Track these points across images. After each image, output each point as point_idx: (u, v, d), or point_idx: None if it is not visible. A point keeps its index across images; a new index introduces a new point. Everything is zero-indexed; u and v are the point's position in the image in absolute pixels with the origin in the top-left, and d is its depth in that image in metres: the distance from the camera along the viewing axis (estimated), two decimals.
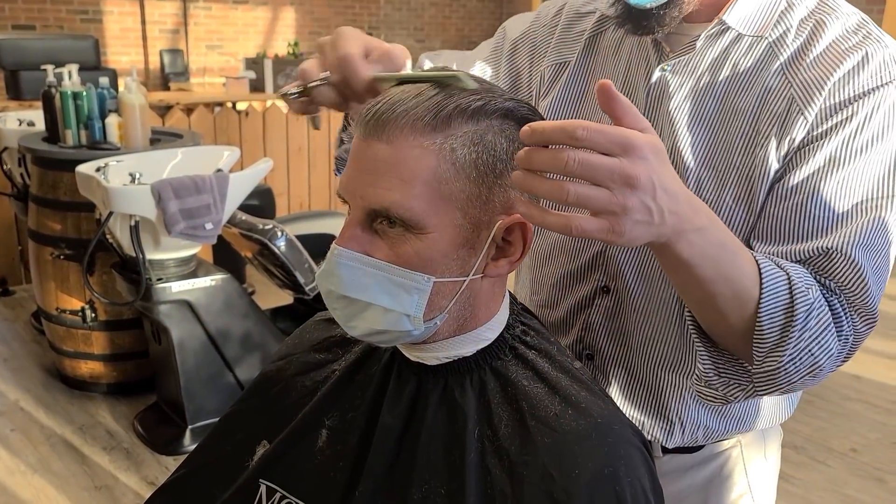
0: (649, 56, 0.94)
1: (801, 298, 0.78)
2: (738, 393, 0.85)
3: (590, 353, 1.03)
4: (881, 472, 2.76)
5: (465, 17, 9.99)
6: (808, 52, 0.86)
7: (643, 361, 0.99)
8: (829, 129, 0.84)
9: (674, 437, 1.01)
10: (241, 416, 0.94)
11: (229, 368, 2.81)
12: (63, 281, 3.00)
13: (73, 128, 3.02)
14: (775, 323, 0.78)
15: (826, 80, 0.84)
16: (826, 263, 0.82)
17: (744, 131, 0.87)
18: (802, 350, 0.79)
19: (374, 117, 0.73)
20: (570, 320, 1.04)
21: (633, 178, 0.62)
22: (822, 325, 0.79)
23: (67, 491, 2.52)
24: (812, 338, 0.79)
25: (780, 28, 0.88)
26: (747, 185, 0.87)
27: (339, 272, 0.75)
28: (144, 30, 7.88)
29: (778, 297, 0.78)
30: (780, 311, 0.78)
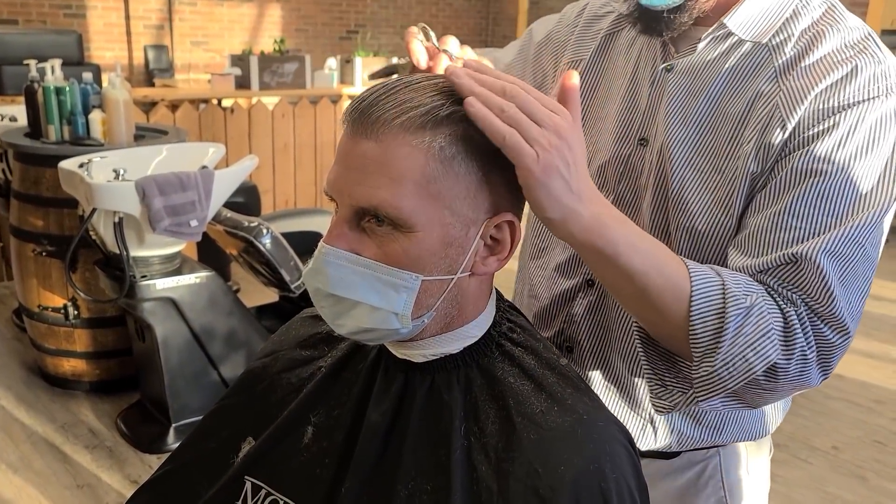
0: (656, 55, 0.96)
1: (733, 302, 0.79)
2: (679, 399, 0.87)
3: (569, 346, 1.05)
4: (862, 470, 2.79)
5: (451, 15, 9.99)
6: (801, 60, 0.87)
7: (620, 359, 1.00)
8: (810, 137, 0.84)
9: (647, 439, 1.01)
10: (226, 413, 0.94)
11: (214, 366, 2.80)
12: (45, 278, 2.98)
13: (55, 123, 3.00)
14: (708, 323, 0.80)
15: (811, 88, 0.85)
16: (792, 272, 0.82)
17: (731, 135, 0.88)
18: (736, 355, 0.79)
19: (360, 114, 0.73)
20: (553, 311, 1.06)
21: (562, 128, 0.70)
22: (760, 332, 0.79)
23: (49, 490, 2.50)
24: (747, 343, 0.79)
25: (782, 35, 0.89)
26: (728, 188, 0.88)
27: (326, 270, 0.75)
28: (129, 25, 7.82)
29: (710, 297, 0.80)
30: (712, 312, 0.80)
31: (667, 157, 0.91)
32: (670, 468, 1.04)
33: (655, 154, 0.93)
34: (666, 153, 0.91)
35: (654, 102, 0.95)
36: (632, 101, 0.98)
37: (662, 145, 0.92)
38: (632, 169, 0.97)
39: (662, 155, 0.92)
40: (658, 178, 0.93)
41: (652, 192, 0.94)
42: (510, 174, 0.76)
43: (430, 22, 9.84)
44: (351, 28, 9.24)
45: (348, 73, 5.71)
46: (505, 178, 0.75)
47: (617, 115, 0.99)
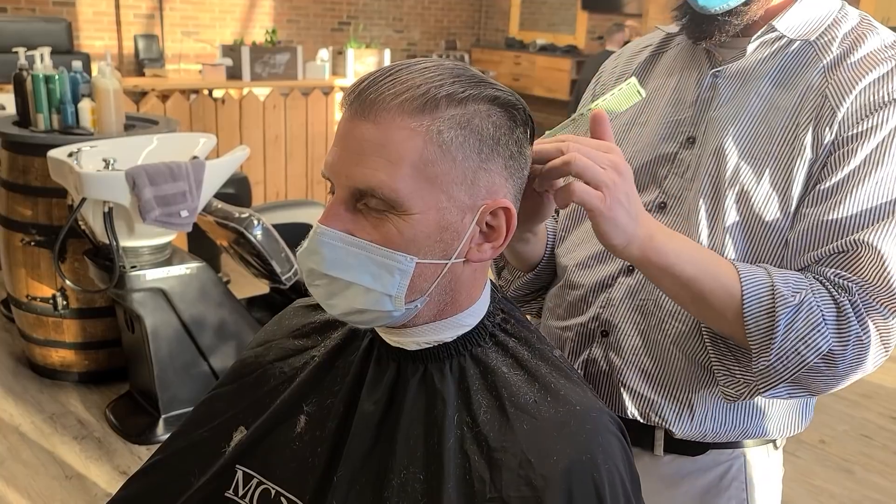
0: (701, 65, 1.02)
1: (782, 301, 0.85)
2: (744, 389, 0.92)
3: (605, 331, 1.04)
4: (849, 464, 2.81)
5: (444, 7, 9.96)
6: (847, 58, 0.93)
7: (660, 340, 1.00)
8: (862, 132, 0.89)
9: (683, 424, 1.00)
10: (218, 402, 0.93)
11: (203, 357, 2.79)
12: (34, 268, 2.96)
13: (44, 112, 2.97)
14: (760, 322, 0.86)
15: (858, 81, 0.90)
16: (850, 259, 0.87)
17: (785, 124, 0.93)
18: (789, 349, 0.85)
19: (360, 97, 0.72)
20: (589, 298, 1.06)
21: (619, 164, 0.80)
22: (810, 326, 0.84)
23: (37, 481, 2.49)
24: (798, 338, 0.85)
25: (827, 37, 0.95)
26: (785, 171, 0.92)
27: (321, 251, 0.75)
28: (118, 14, 7.75)
29: (760, 297, 0.86)
30: (763, 311, 0.86)
31: (723, 151, 0.95)
32: (694, 466, 1.04)
33: (707, 151, 0.97)
34: (722, 148, 0.95)
35: (703, 104, 0.99)
36: (676, 106, 1.02)
37: (717, 141, 0.96)
38: (678, 166, 1.00)
39: (717, 150, 0.96)
40: (710, 174, 0.96)
41: (702, 187, 0.97)
42: (508, 161, 0.76)
43: (422, 14, 9.81)
44: (343, 19, 9.20)
45: (340, 64, 5.69)
46: (502, 165, 0.76)
47: (660, 119, 1.03)
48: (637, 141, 1.05)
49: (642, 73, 1.09)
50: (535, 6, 9.81)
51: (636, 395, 1.02)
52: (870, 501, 2.61)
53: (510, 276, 1.17)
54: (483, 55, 9.87)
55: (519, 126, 0.77)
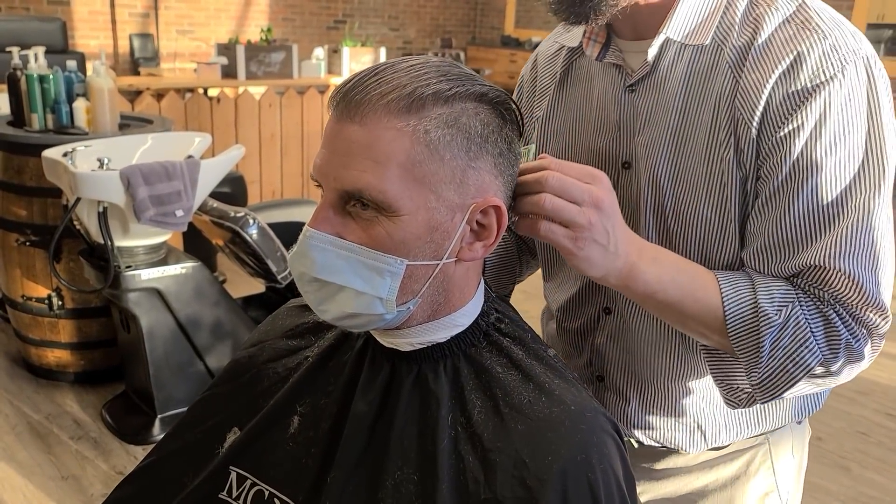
0: (615, 80, 0.94)
1: (766, 321, 0.82)
2: (744, 398, 0.90)
3: (600, 375, 1.04)
4: (845, 461, 2.81)
5: (439, 5, 9.95)
6: (750, 48, 0.84)
7: (652, 377, 1.00)
8: (785, 136, 0.82)
9: (697, 444, 1.02)
10: (211, 403, 0.93)
11: (199, 357, 2.78)
12: (29, 268, 2.95)
13: (39, 111, 2.96)
14: (745, 340, 0.84)
15: (767, 80, 0.82)
16: (820, 276, 0.83)
17: (706, 143, 0.87)
18: (776, 367, 0.83)
19: (346, 99, 0.72)
20: (578, 343, 1.06)
21: (601, 200, 0.76)
22: (797, 342, 0.82)
23: (33, 481, 2.48)
24: (786, 356, 0.83)
25: (722, 29, 0.86)
26: (720, 194, 0.87)
27: (311, 254, 0.74)
28: (113, 13, 7.73)
29: (743, 316, 0.83)
30: (746, 330, 0.83)
31: (655, 177, 0.90)
32: (719, 455, 1.04)
33: (643, 175, 0.92)
34: (657, 177, 0.90)
35: (628, 125, 0.93)
36: (604, 128, 0.96)
37: (650, 170, 0.91)
38: (621, 193, 0.94)
39: (652, 179, 0.91)
40: (652, 197, 0.92)
41: (646, 211, 0.93)
42: (497, 159, 0.76)
43: (418, 12, 9.80)
44: (338, 18, 9.19)
45: (336, 62, 5.67)
46: (491, 163, 0.75)
47: (592, 144, 0.97)
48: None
49: (560, 88, 1.02)
50: (530, 4, 9.80)
51: (647, 427, 1.03)
52: (866, 498, 2.61)
53: None
54: (478, 53, 9.86)
55: (508, 123, 0.77)
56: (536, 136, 1.05)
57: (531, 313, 1.16)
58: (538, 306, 1.21)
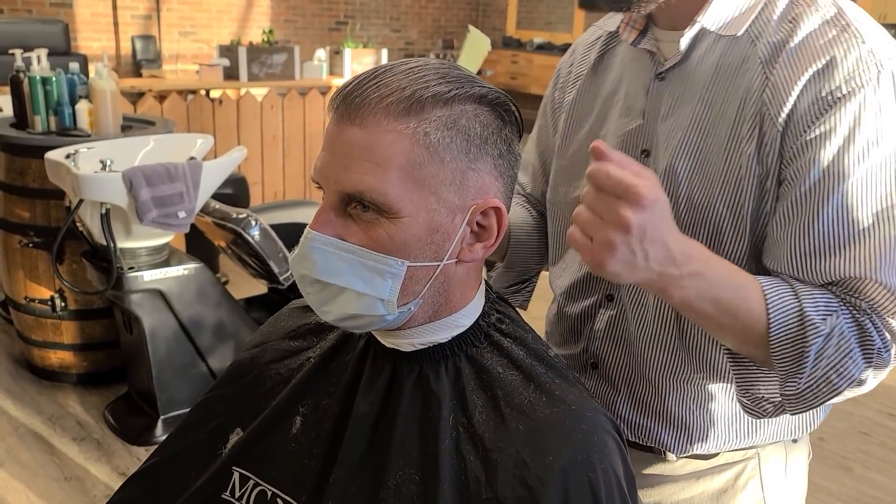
0: (647, 67, 0.94)
1: (812, 330, 0.78)
2: (769, 408, 0.87)
3: (594, 363, 1.03)
4: (847, 461, 2.81)
5: (441, 6, 9.95)
6: (784, 46, 0.83)
7: (645, 370, 0.98)
8: (814, 140, 0.80)
9: (682, 445, 0.99)
10: (214, 404, 0.94)
11: (202, 358, 2.78)
12: (32, 269, 2.95)
13: (41, 114, 2.97)
14: (786, 350, 0.80)
15: (798, 78, 0.81)
16: (856, 287, 0.80)
17: (728, 135, 0.86)
18: (819, 378, 0.80)
19: (346, 101, 0.72)
20: (577, 329, 1.05)
21: (625, 222, 0.69)
22: (842, 354, 0.79)
23: (36, 482, 2.49)
24: (830, 366, 0.79)
25: (759, 25, 0.86)
26: (735, 188, 0.85)
27: (312, 256, 0.75)
28: (116, 15, 7.74)
29: (788, 329, 0.79)
30: (790, 339, 0.79)
31: (675, 172, 0.89)
32: (709, 467, 1.02)
33: (661, 164, 0.91)
34: (674, 168, 0.89)
35: (652, 114, 0.93)
36: (628, 116, 0.96)
37: (667, 158, 0.90)
38: None
39: (669, 170, 0.90)
40: (666, 187, 0.89)
41: None
42: (497, 160, 0.76)
43: (419, 13, 9.80)
44: (340, 19, 9.19)
45: (337, 64, 5.68)
46: (491, 164, 0.76)
47: (616, 130, 0.97)
48: None
49: (594, 74, 1.03)
50: (531, 5, 9.81)
51: (631, 423, 1.01)
52: (868, 498, 2.61)
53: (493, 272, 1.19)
54: None
55: (507, 125, 0.77)
56: (565, 119, 1.06)
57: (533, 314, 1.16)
58: (540, 307, 1.21)
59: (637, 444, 1.02)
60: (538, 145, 1.16)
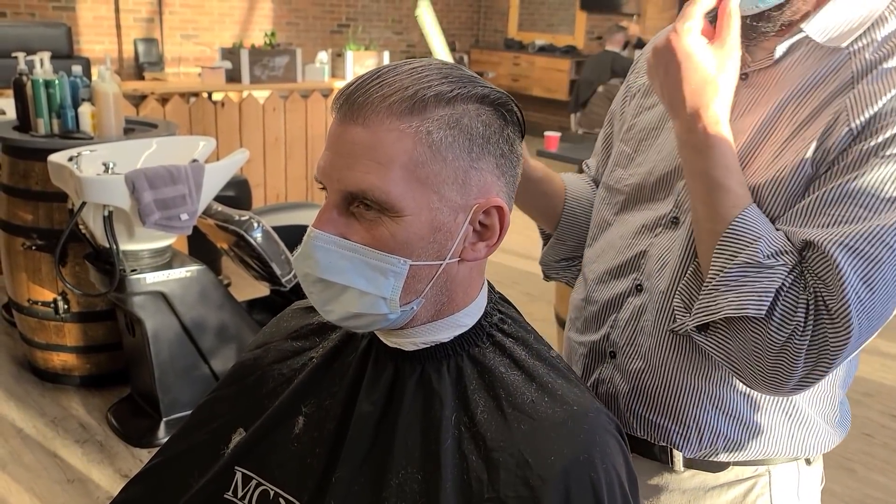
0: None
1: (751, 253, 0.81)
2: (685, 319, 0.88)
3: (612, 352, 1.02)
4: (850, 462, 2.81)
5: (443, 9, 9.96)
6: (880, 65, 0.82)
7: (659, 361, 0.97)
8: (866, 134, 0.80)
9: (691, 445, 0.98)
10: (216, 404, 0.94)
11: (204, 360, 2.79)
12: (35, 272, 2.96)
13: (44, 116, 2.98)
14: (721, 257, 0.83)
15: (881, 96, 0.80)
16: (812, 258, 0.80)
17: (792, 134, 0.86)
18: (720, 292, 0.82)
19: (349, 101, 0.73)
20: (602, 316, 1.04)
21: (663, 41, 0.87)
22: (755, 289, 0.80)
23: (39, 484, 2.49)
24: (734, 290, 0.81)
25: (863, 41, 0.85)
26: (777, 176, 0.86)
27: (315, 255, 0.75)
28: (118, 18, 7.77)
29: (737, 240, 0.82)
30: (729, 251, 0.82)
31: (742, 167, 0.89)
32: (716, 482, 1.00)
33: None
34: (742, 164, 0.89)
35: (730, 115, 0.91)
36: None
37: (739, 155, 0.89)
38: None
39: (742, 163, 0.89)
40: None
41: None
42: (499, 160, 0.76)
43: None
44: (342, 21, 9.21)
45: (339, 66, 5.69)
46: (493, 163, 0.76)
47: None
48: (662, 148, 1.00)
49: None
50: (533, 7, 9.82)
51: (641, 418, 1.00)
52: (871, 500, 2.61)
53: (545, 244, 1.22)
54: (482, 56, 9.87)
55: (509, 125, 0.78)
56: (634, 105, 1.09)
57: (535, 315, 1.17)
58: (542, 308, 1.22)
59: (646, 449, 1.00)
60: (605, 130, 1.18)
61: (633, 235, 1.01)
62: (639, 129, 1.05)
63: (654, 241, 0.98)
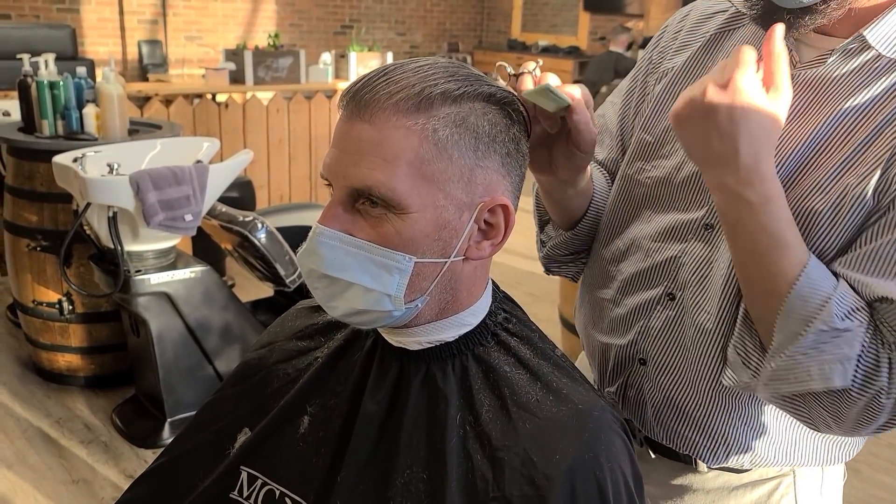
0: None
1: (825, 319, 0.75)
2: (747, 380, 0.84)
3: (643, 359, 0.99)
4: (856, 463, 2.80)
5: (446, 10, 9.97)
6: None
7: (694, 377, 0.94)
8: None
9: (717, 458, 0.96)
10: (222, 404, 0.94)
11: (209, 361, 2.79)
12: (40, 273, 2.97)
13: (49, 118, 2.98)
14: (789, 324, 0.77)
15: None
16: (891, 315, 0.75)
17: (847, 158, 0.80)
18: (798, 364, 0.77)
19: (355, 98, 0.73)
20: (630, 320, 1.00)
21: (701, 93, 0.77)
22: (838, 356, 0.75)
23: (44, 485, 2.50)
24: (820, 359, 0.76)
25: None
26: (836, 206, 0.80)
27: (320, 251, 0.75)
28: (122, 20, 7.79)
29: (804, 304, 0.76)
30: (797, 318, 0.77)
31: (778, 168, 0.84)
32: (740, 482, 0.98)
33: None
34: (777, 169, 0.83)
35: None
36: None
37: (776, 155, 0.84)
38: None
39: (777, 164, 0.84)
40: None
41: None
42: (504, 158, 0.76)
43: (425, 17, 9.82)
44: (345, 23, 9.22)
45: (343, 67, 5.70)
46: (499, 162, 0.76)
47: None
48: None
49: (707, 50, 0.97)
50: (536, 8, 9.82)
51: (669, 428, 0.98)
52: (876, 500, 2.60)
53: (552, 233, 1.11)
54: (485, 57, 9.88)
55: (515, 123, 0.78)
56: (661, 90, 1.01)
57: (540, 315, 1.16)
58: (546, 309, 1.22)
59: (669, 452, 0.99)
60: (622, 107, 1.10)
61: (662, 238, 0.96)
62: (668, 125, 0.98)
63: (685, 247, 0.93)
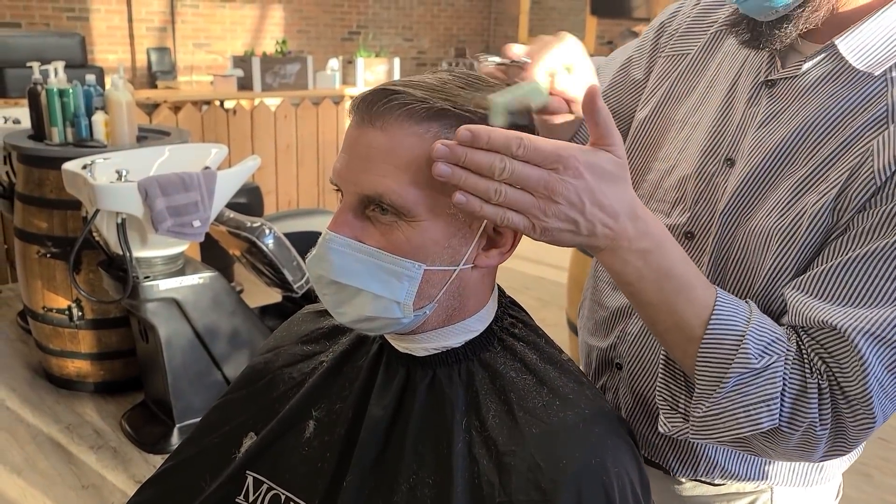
0: (761, 66, 0.87)
1: (743, 360, 0.74)
2: (681, 427, 0.82)
3: (619, 364, 1.00)
4: (867, 468, 2.78)
5: (453, 15, 9.99)
6: None
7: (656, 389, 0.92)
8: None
9: (686, 471, 0.96)
10: (228, 408, 0.94)
11: (217, 367, 2.80)
12: (49, 279, 2.98)
13: (59, 125, 3.00)
14: (708, 373, 0.76)
15: None
16: (833, 342, 0.74)
17: (811, 172, 0.79)
18: (726, 410, 0.75)
19: (367, 104, 0.73)
20: (611, 323, 1.02)
21: (556, 192, 0.67)
22: (763, 397, 0.74)
23: (54, 490, 2.51)
24: (742, 405, 0.75)
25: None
26: (793, 225, 0.79)
27: (330, 257, 0.75)
28: (131, 28, 7.84)
29: (720, 348, 0.75)
30: (718, 358, 0.75)
31: (744, 180, 0.84)
32: (717, 494, 0.98)
33: (738, 175, 0.85)
34: (745, 178, 0.84)
35: (748, 121, 0.86)
36: (726, 115, 0.89)
37: (747, 169, 0.84)
38: (713, 190, 0.87)
39: (741, 179, 0.84)
40: (734, 198, 0.85)
41: (722, 217, 0.86)
42: None
43: (432, 23, 9.84)
44: (353, 29, 9.25)
45: (350, 73, 5.72)
46: None
47: (709, 126, 0.90)
48: (684, 146, 0.93)
49: (707, 49, 0.95)
50: (543, 13, 9.83)
51: (642, 436, 0.98)
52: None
53: None
54: None
55: (524, 129, 0.78)
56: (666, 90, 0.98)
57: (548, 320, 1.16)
58: (554, 314, 1.21)
59: (646, 460, 0.99)
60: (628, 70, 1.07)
61: None
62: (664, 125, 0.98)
63: None
